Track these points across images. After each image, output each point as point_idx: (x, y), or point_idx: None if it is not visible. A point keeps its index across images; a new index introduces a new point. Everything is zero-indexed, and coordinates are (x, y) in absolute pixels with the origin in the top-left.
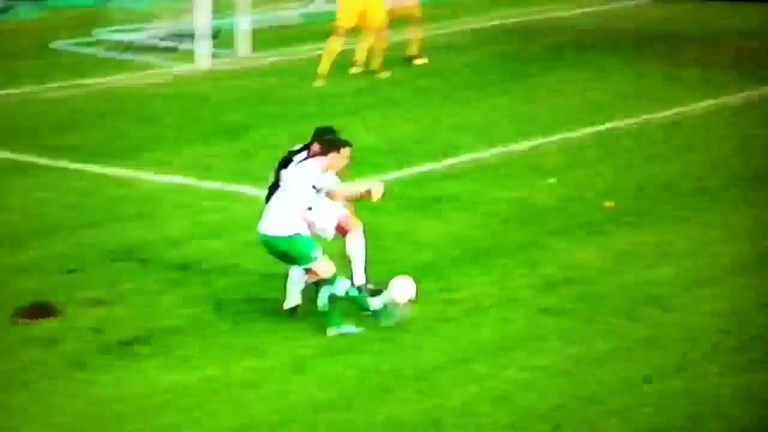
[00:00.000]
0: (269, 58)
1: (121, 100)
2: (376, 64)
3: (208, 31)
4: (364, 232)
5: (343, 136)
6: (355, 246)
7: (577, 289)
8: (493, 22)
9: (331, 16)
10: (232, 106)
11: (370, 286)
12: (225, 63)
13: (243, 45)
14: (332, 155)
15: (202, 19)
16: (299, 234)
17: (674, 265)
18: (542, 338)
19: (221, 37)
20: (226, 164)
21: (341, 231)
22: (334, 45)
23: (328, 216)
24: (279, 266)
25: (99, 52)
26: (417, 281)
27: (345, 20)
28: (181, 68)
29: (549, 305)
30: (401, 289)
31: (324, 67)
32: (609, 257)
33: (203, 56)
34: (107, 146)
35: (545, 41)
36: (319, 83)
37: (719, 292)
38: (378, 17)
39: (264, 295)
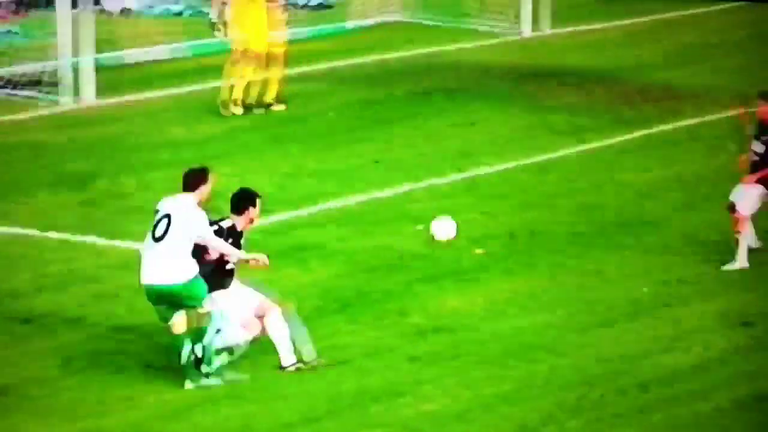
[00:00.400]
0: (116, 102)
1: None
2: (271, 96)
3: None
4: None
5: None
6: (273, 329)
7: (450, 337)
8: (353, 63)
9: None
10: (76, 154)
11: (300, 365)
12: (69, 109)
13: (88, 90)
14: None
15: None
16: (197, 277)
17: (549, 312)
18: (412, 388)
19: (65, 82)
20: (70, 214)
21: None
22: (247, 71)
23: (235, 328)
24: (127, 319)
25: None
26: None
27: (256, 44)
28: (21, 115)
29: (419, 354)
30: (443, 229)
31: (238, 93)
32: (481, 305)
33: (45, 102)
34: None
35: (410, 85)
36: (237, 111)
37: (595, 340)
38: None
39: (112, 349)
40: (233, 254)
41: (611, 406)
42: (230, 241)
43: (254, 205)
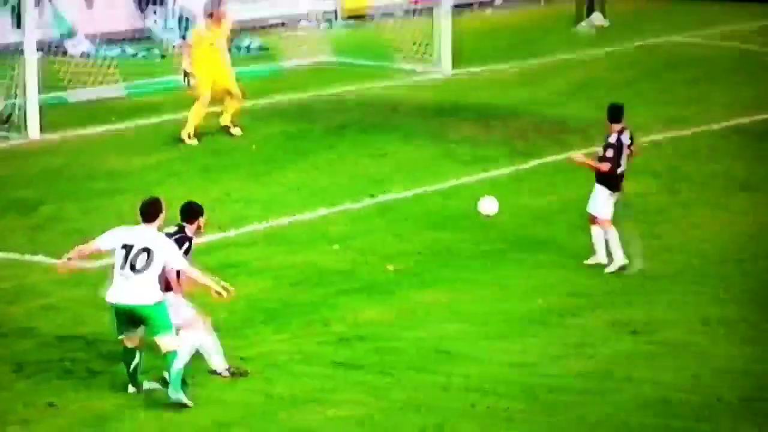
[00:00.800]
0: (59, 137)
1: None
2: (227, 119)
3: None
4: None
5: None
6: (205, 338)
7: (370, 344)
8: (275, 101)
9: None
10: (23, 183)
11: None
12: (16, 143)
13: (33, 125)
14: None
15: None
16: (165, 302)
17: (456, 321)
18: (337, 390)
19: (15, 117)
20: (19, 237)
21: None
22: (200, 109)
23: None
24: (74, 329)
25: None
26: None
27: (219, 84)
28: None
29: (343, 360)
30: (487, 205)
31: (191, 126)
32: (396, 315)
33: None
34: None
35: (328, 120)
36: (194, 142)
37: (505, 346)
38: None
39: (60, 356)
40: (204, 281)
41: (516, 409)
42: (188, 245)
43: (203, 215)
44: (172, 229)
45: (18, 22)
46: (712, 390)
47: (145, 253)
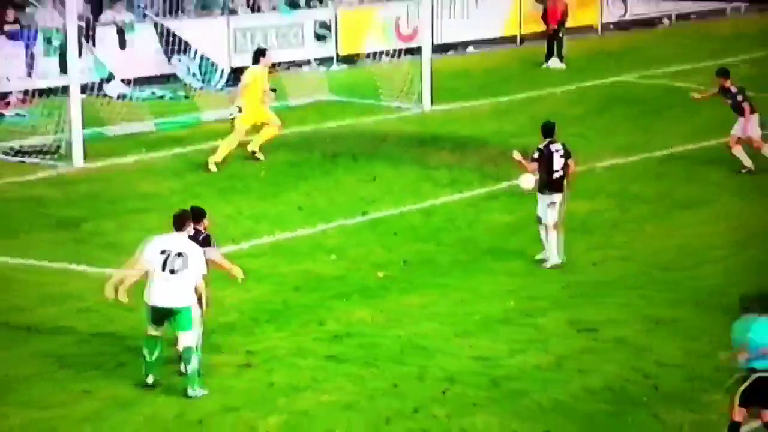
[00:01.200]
0: (99, 165)
1: None
2: (257, 145)
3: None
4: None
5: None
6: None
7: (358, 340)
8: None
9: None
10: (69, 204)
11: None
12: (63, 171)
13: (77, 156)
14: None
15: (40, 139)
16: (192, 306)
17: (436, 321)
18: (329, 380)
19: (63, 149)
20: (64, 249)
21: None
22: (234, 140)
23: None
24: (105, 327)
25: None
26: (223, 336)
27: (246, 123)
28: (28, 177)
29: (335, 353)
30: (525, 181)
31: (221, 155)
32: (382, 315)
33: (46, 166)
34: None
35: (325, 150)
36: (214, 168)
37: (475, 342)
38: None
39: (94, 351)
40: (228, 266)
41: (481, 395)
42: (212, 238)
43: (206, 217)
44: (192, 232)
45: (64, 68)
46: (651, 381)
47: (180, 258)
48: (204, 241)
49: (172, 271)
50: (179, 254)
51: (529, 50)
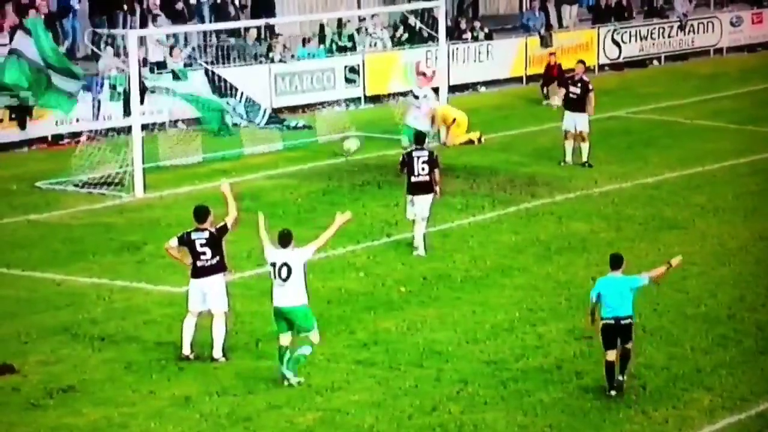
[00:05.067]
0: (158, 195)
1: (52, 227)
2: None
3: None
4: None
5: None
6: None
7: (383, 347)
8: (314, 166)
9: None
10: (132, 229)
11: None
12: (127, 200)
13: (138, 186)
14: None
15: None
16: (309, 306)
17: (451, 330)
18: (358, 381)
19: (124, 183)
20: (128, 269)
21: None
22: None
23: None
24: (167, 337)
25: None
26: (268, 345)
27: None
28: (96, 205)
29: (363, 359)
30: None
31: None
32: (404, 325)
33: (111, 196)
34: (44, 259)
35: (353, 180)
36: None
37: (485, 348)
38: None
39: (159, 357)
40: (329, 235)
41: (491, 395)
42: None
43: (211, 213)
44: (211, 227)
45: (127, 111)
46: (639, 381)
47: (286, 267)
48: (222, 230)
49: (282, 279)
50: (284, 264)
51: (533, 89)
